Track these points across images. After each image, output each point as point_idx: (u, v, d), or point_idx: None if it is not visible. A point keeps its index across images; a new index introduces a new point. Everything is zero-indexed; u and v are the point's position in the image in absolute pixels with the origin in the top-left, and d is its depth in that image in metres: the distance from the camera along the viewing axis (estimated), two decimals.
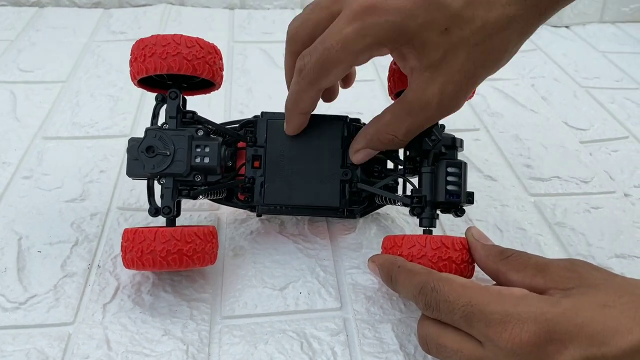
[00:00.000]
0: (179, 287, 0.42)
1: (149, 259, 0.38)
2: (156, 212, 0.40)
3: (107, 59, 0.73)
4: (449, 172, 0.41)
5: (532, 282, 0.35)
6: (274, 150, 0.44)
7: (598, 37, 0.89)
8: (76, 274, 0.43)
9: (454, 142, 0.42)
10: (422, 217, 0.42)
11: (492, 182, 0.55)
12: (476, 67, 0.37)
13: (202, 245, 0.39)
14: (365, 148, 0.42)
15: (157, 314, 0.40)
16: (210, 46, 0.41)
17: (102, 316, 0.40)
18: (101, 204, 0.50)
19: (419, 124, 0.40)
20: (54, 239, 0.46)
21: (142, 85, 0.43)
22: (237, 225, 0.49)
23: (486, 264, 0.38)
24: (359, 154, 0.43)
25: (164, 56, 0.39)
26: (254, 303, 0.41)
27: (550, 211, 0.52)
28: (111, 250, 0.45)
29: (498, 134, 0.62)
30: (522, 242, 0.48)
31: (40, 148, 0.57)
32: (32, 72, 0.70)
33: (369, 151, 0.42)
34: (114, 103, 0.64)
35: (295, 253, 0.46)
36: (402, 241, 0.40)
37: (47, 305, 0.40)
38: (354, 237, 0.48)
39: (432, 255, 0.38)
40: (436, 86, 0.37)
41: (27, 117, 0.61)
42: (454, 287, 0.34)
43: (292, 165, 0.44)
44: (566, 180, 0.56)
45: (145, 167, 0.40)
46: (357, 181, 0.44)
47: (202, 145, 0.40)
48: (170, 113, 0.41)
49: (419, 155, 0.42)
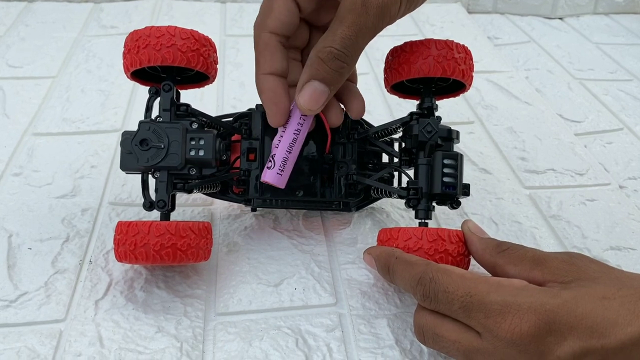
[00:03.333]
0: (172, 283, 0.42)
1: (142, 253, 0.37)
2: (151, 205, 0.40)
3: (97, 54, 0.73)
4: (445, 163, 0.41)
5: (530, 275, 0.35)
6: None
7: (592, 28, 0.89)
8: (67, 270, 0.43)
9: (450, 133, 0.41)
10: (418, 209, 0.41)
11: (486, 175, 0.55)
12: None
13: (196, 240, 0.38)
14: (310, 79, 0.38)
15: (151, 311, 0.40)
16: (205, 38, 0.40)
17: (94, 313, 0.39)
18: (92, 200, 0.50)
19: (353, 28, 0.36)
20: (45, 236, 0.45)
21: (135, 78, 0.42)
22: (230, 221, 0.48)
23: (483, 257, 0.38)
24: (304, 90, 0.38)
25: (158, 48, 0.38)
26: (249, 299, 0.41)
27: (545, 204, 0.51)
28: (103, 245, 0.45)
29: (492, 127, 0.62)
30: (517, 236, 0.48)
31: (30, 144, 0.56)
32: (21, 67, 0.69)
33: (314, 85, 0.38)
34: (105, 98, 0.64)
35: (289, 249, 0.45)
36: (398, 233, 0.39)
37: (38, 303, 0.40)
38: (348, 232, 0.47)
39: (428, 247, 0.38)
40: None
41: (17, 114, 0.60)
42: (452, 278, 0.33)
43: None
44: (561, 172, 0.56)
45: (139, 161, 0.39)
46: (352, 174, 0.44)
47: (196, 137, 0.40)
48: (164, 105, 0.40)
49: (415, 147, 0.42)
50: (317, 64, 0.37)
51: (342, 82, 0.39)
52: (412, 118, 0.42)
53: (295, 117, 0.40)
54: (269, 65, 0.39)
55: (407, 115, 0.43)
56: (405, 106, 0.63)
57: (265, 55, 0.39)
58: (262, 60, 0.40)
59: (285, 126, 0.41)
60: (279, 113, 0.40)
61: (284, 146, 0.40)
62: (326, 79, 0.38)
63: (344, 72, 0.38)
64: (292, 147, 0.41)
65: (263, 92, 0.40)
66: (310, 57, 0.38)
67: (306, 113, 0.39)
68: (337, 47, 0.37)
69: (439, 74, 0.40)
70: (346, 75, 0.39)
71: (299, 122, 0.40)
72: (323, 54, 0.37)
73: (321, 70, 0.37)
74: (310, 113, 0.39)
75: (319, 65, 0.37)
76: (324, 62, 0.37)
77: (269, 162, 0.41)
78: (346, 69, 0.38)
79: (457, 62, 0.40)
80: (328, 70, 0.37)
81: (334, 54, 0.37)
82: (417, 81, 0.43)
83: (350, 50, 0.37)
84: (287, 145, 0.40)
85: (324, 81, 0.38)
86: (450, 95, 0.44)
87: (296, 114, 0.40)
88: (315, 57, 0.37)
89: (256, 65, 0.40)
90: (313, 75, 0.38)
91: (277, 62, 0.39)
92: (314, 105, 0.38)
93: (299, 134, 0.40)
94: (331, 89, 0.38)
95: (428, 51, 0.40)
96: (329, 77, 0.38)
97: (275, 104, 0.40)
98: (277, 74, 0.40)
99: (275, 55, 0.39)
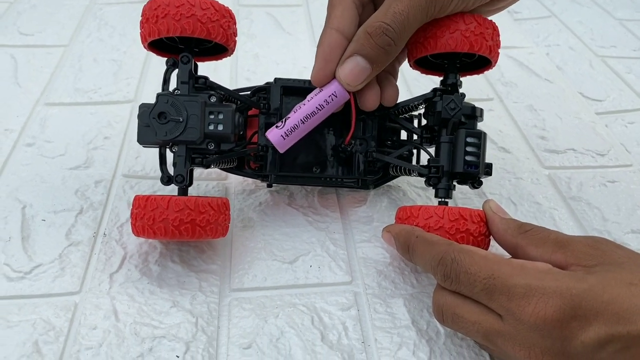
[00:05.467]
0: (187, 258, 0.41)
1: (161, 227, 0.37)
2: (169, 180, 0.39)
3: (109, 22, 0.71)
4: (468, 142, 0.40)
5: (552, 258, 0.34)
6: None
7: (615, 3, 0.86)
8: (81, 242, 0.42)
9: (474, 111, 0.40)
10: (438, 188, 0.40)
11: (506, 154, 0.54)
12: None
13: (215, 216, 0.38)
14: (353, 54, 0.37)
15: (165, 285, 0.39)
16: (225, 9, 0.39)
17: (109, 286, 0.39)
18: (106, 172, 0.49)
19: (406, 3, 0.36)
20: (58, 207, 0.45)
21: (152, 49, 0.41)
22: (245, 196, 0.47)
23: (504, 238, 0.37)
24: (346, 64, 0.37)
25: (177, 18, 0.37)
26: (264, 276, 0.40)
27: (565, 185, 0.50)
28: (117, 218, 0.44)
29: (512, 104, 0.61)
30: (536, 216, 0.47)
31: (42, 115, 0.55)
32: (32, 35, 0.68)
33: (357, 60, 0.37)
34: (118, 67, 0.63)
35: (305, 226, 0.45)
36: (418, 212, 0.39)
37: (53, 275, 0.40)
38: (364, 210, 0.47)
39: (449, 227, 0.37)
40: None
41: (29, 83, 0.59)
42: (475, 259, 0.33)
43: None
44: (581, 152, 0.54)
45: (157, 134, 0.38)
46: (372, 151, 0.43)
47: (215, 112, 0.39)
48: (182, 78, 0.39)
49: (437, 124, 0.41)
50: (363, 39, 0.37)
51: (387, 63, 0.38)
52: (436, 94, 0.41)
53: (328, 89, 0.39)
54: (337, 20, 0.38)
55: (429, 91, 0.41)
56: (423, 82, 0.62)
57: (336, 10, 0.38)
58: (332, 14, 0.38)
59: (314, 95, 0.39)
60: (322, 70, 0.39)
61: (302, 114, 0.39)
62: (370, 55, 0.37)
63: (390, 50, 0.37)
64: (309, 119, 0.39)
65: (320, 44, 0.39)
66: (357, 33, 0.37)
67: (345, 88, 0.38)
68: (388, 21, 0.36)
69: (466, 49, 0.38)
70: (392, 55, 0.38)
71: (329, 97, 0.39)
72: (372, 28, 0.36)
73: (366, 45, 0.36)
74: (348, 88, 0.38)
75: (365, 39, 0.36)
76: (371, 36, 0.36)
77: (280, 122, 0.40)
78: (393, 48, 0.37)
79: (485, 37, 0.39)
80: (374, 46, 0.36)
81: (383, 28, 0.36)
82: (441, 56, 0.41)
83: (400, 27, 0.36)
84: (305, 114, 0.39)
85: (367, 57, 0.37)
86: (474, 72, 0.43)
87: (330, 87, 0.39)
88: (362, 31, 0.37)
89: (326, 19, 0.39)
90: (357, 49, 0.37)
91: (346, 21, 0.38)
92: (354, 81, 0.38)
93: (322, 109, 0.39)
94: (374, 67, 0.37)
95: (456, 25, 0.38)
96: (373, 54, 0.37)
97: (325, 60, 0.38)
98: (342, 32, 0.38)
99: (346, 13, 0.38)
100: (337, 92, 0.39)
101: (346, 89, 0.39)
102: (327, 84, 0.39)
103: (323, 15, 0.40)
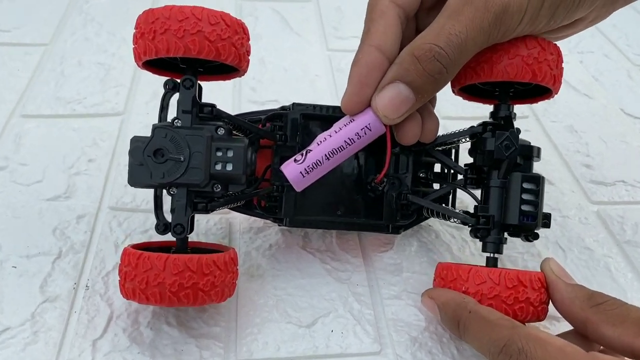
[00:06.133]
0: (184, 319, 0.35)
1: (156, 293, 0.30)
2: (165, 228, 0.32)
3: (96, 18, 0.63)
4: (525, 188, 0.33)
5: (635, 343, 0.28)
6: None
7: None
8: (59, 297, 0.35)
9: (531, 151, 0.34)
10: (487, 242, 0.34)
11: (548, 186, 0.47)
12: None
13: (221, 277, 0.31)
14: (394, 80, 0.31)
15: (160, 355, 0.33)
16: (238, 24, 0.32)
17: (91, 357, 0.32)
18: (90, 203, 0.42)
19: (466, 25, 0.29)
20: (33, 250, 0.38)
21: (147, 67, 0.34)
22: (252, 235, 0.41)
23: (570, 309, 0.31)
24: (385, 91, 0.31)
25: (180, 35, 0.30)
26: (276, 343, 0.34)
27: (617, 225, 0.44)
28: (102, 265, 0.38)
29: (550, 124, 0.54)
30: (588, 266, 0.41)
31: (17, 129, 0.48)
32: (9, 32, 0.60)
33: (399, 88, 0.30)
34: (105, 72, 0.55)
35: (323, 276, 0.38)
36: (468, 274, 0.32)
37: (23, 342, 0.33)
38: (391, 256, 0.40)
39: (506, 295, 0.31)
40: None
41: (3, 90, 0.52)
42: (550, 353, 0.26)
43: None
44: (632, 185, 0.48)
45: (153, 176, 0.31)
46: (407, 192, 0.36)
47: (223, 148, 0.32)
48: (184, 106, 0.32)
49: (487, 164, 0.34)
50: (409, 63, 0.30)
51: (434, 94, 0.32)
52: (486, 129, 0.34)
53: (361, 120, 0.32)
54: (379, 37, 0.31)
55: (477, 124, 0.35)
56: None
57: (377, 25, 0.31)
58: (372, 28, 0.32)
59: (343, 125, 0.33)
60: (357, 96, 0.32)
61: (327, 148, 0.32)
62: (416, 83, 0.30)
63: (440, 79, 0.30)
64: (335, 154, 0.33)
65: (355, 64, 0.32)
66: (400, 55, 0.30)
67: (382, 120, 0.32)
68: (442, 44, 0.29)
69: (527, 78, 0.32)
70: (442, 85, 0.31)
71: (362, 130, 0.32)
72: (420, 51, 0.29)
73: (412, 71, 0.30)
74: (386, 121, 0.32)
75: (410, 64, 0.30)
76: (419, 61, 0.30)
77: (299, 155, 0.33)
78: (444, 77, 0.30)
79: (550, 65, 0.32)
80: (421, 72, 0.30)
81: (435, 52, 0.29)
82: (491, 83, 0.35)
83: (455, 52, 0.29)
84: (331, 148, 0.32)
85: (411, 85, 0.30)
86: (529, 101, 0.36)
87: (363, 118, 0.32)
88: (408, 54, 0.30)
89: (363, 34, 0.32)
90: (401, 75, 0.30)
91: (389, 38, 0.31)
92: (393, 113, 0.31)
93: (351, 144, 0.32)
94: (418, 98, 0.31)
95: (516, 50, 0.31)
96: (419, 82, 0.30)
97: (361, 84, 0.31)
98: (383, 51, 0.31)
99: (389, 30, 0.31)
100: (371, 125, 0.32)
101: (383, 121, 0.32)
102: (359, 113, 0.32)
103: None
